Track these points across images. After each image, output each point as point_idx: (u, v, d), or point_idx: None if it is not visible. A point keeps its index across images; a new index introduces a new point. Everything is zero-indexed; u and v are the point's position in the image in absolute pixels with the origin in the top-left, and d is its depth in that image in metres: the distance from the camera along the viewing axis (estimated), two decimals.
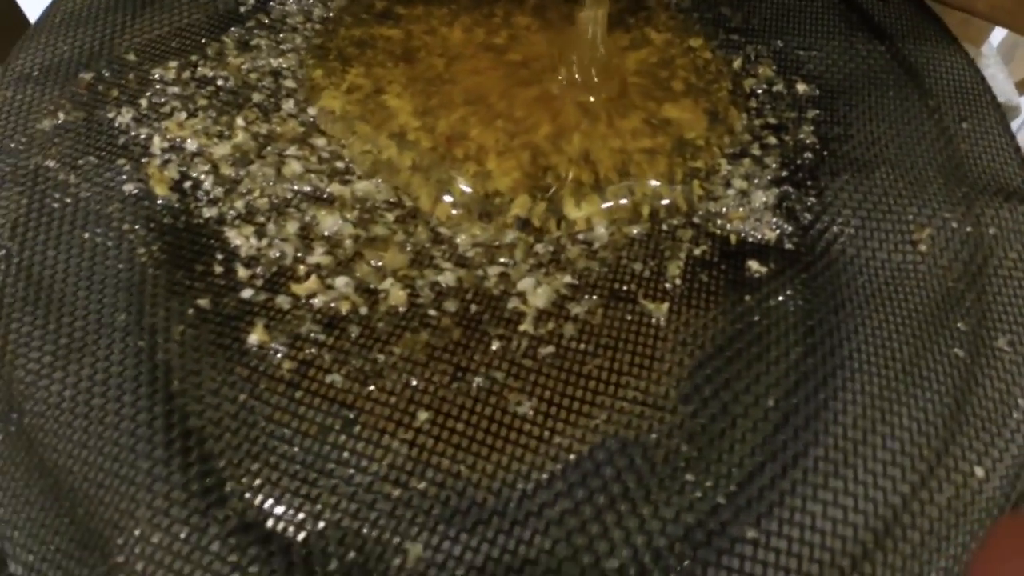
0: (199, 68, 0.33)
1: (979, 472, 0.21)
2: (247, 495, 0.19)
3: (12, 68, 0.34)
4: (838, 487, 0.20)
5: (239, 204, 0.27)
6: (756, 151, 0.30)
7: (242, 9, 0.36)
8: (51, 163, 0.30)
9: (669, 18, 0.35)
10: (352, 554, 0.17)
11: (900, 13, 0.39)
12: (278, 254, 0.25)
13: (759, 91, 0.33)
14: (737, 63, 0.34)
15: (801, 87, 0.33)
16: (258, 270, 0.25)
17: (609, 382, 0.21)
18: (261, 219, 0.26)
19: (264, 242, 0.25)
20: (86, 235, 0.27)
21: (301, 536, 0.18)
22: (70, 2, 0.38)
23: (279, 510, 0.19)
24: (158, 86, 0.32)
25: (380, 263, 0.24)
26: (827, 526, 0.19)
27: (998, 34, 0.48)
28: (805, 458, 0.20)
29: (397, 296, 0.23)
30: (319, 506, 0.19)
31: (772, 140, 0.30)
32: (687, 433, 0.20)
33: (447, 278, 0.24)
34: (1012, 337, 0.25)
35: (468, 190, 0.26)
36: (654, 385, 0.21)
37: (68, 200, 0.29)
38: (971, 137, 0.32)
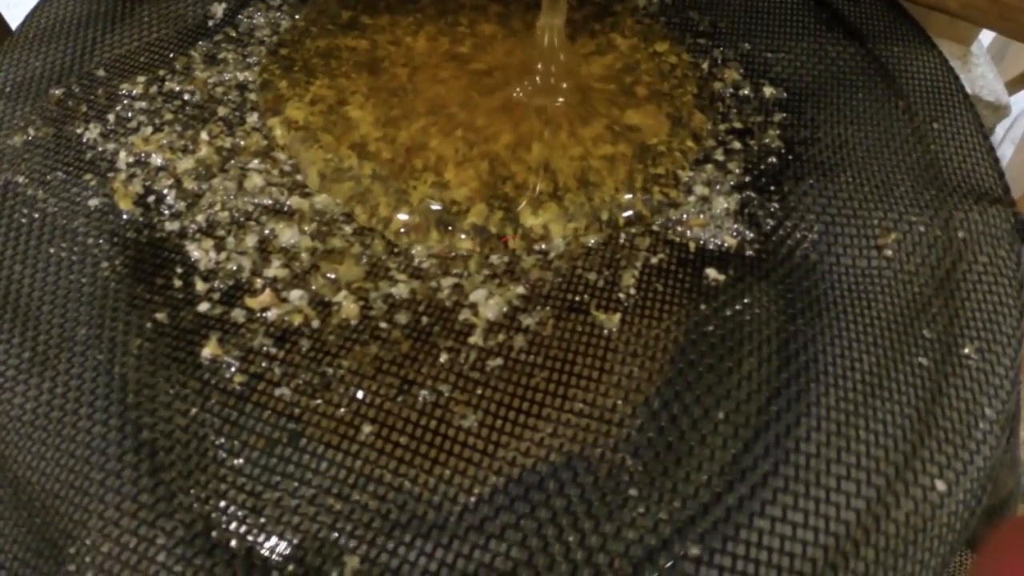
0: (166, 83, 0.34)
1: (940, 486, 0.21)
2: (195, 506, 0.20)
3: None
4: (788, 502, 0.20)
5: (200, 218, 0.28)
6: (720, 156, 0.30)
7: (210, 23, 0.37)
8: (20, 179, 0.31)
9: (635, 23, 0.35)
10: (292, 566, 0.18)
11: (874, 13, 0.39)
12: (235, 267, 0.25)
13: (725, 95, 0.33)
14: (704, 67, 0.34)
15: (768, 90, 0.33)
16: (215, 283, 0.25)
17: (556, 395, 0.21)
18: (221, 232, 0.27)
19: (223, 255, 0.26)
20: (52, 250, 0.28)
21: (245, 548, 0.19)
22: (43, 18, 0.39)
23: (225, 521, 0.19)
24: (126, 101, 0.33)
25: (335, 275, 0.25)
26: (783, 534, 0.19)
27: (988, 33, 0.48)
28: (753, 472, 0.21)
29: (349, 309, 0.24)
30: (263, 518, 0.19)
31: (736, 145, 0.31)
32: (633, 446, 0.20)
33: (400, 290, 0.24)
34: (980, 344, 0.25)
35: (424, 199, 0.27)
36: (601, 398, 0.21)
37: (36, 215, 0.29)
38: (942, 138, 0.33)
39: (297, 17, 0.36)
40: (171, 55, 0.35)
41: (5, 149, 0.32)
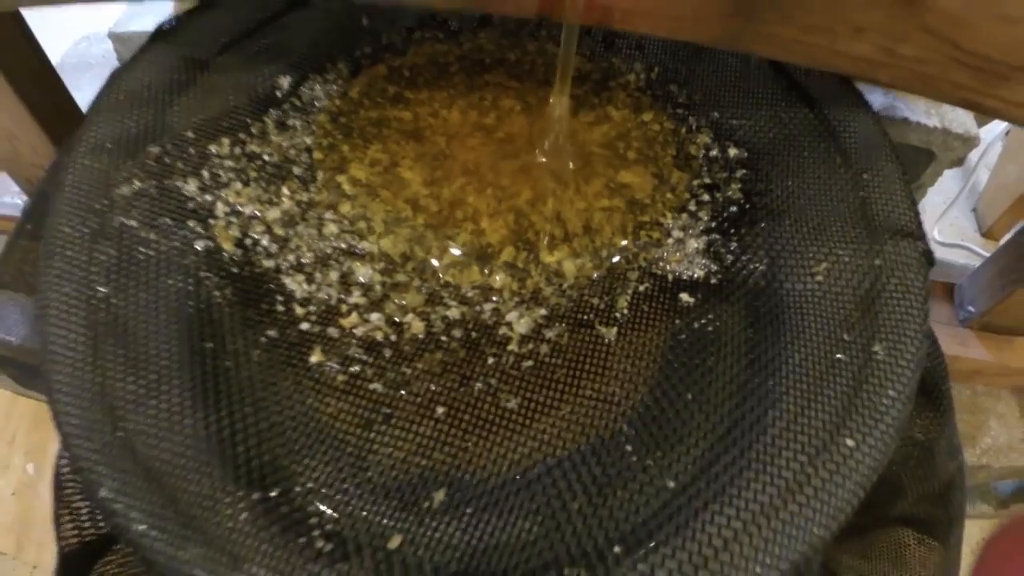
0: (247, 145, 0.43)
1: (850, 443, 0.31)
2: (316, 470, 0.29)
3: (85, 140, 0.44)
4: (744, 463, 0.30)
5: (291, 257, 0.37)
6: (692, 207, 0.40)
7: (278, 93, 0.46)
8: (133, 223, 0.40)
9: (626, 96, 0.45)
10: (395, 501, 0.27)
11: (823, 81, 0.49)
12: (325, 296, 0.35)
13: (698, 156, 0.43)
14: (681, 132, 0.44)
15: (733, 151, 0.43)
16: (311, 308, 0.35)
17: (572, 385, 0.31)
18: (309, 269, 0.37)
19: (314, 287, 0.36)
20: (170, 281, 0.37)
21: (346, 518, 0.28)
22: (129, 83, 0.48)
23: (338, 480, 0.29)
24: (215, 160, 0.42)
25: (403, 302, 0.35)
26: (759, 487, 0.29)
27: None
28: (728, 437, 0.30)
29: (416, 327, 0.34)
30: (369, 474, 0.28)
31: (706, 197, 0.41)
32: (628, 418, 0.30)
33: (453, 313, 0.34)
34: (887, 344, 0.35)
35: (466, 244, 0.37)
36: (605, 386, 0.31)
37: (151, 253, 0.38)
38: (871, 186, 0.43)
39: (350, 89, 0.46)
40: (248, 121, 0.45)
41: (116, 197, 0.41)
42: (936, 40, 0.38)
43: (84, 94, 0.63)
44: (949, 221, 1.15)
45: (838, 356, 0.34)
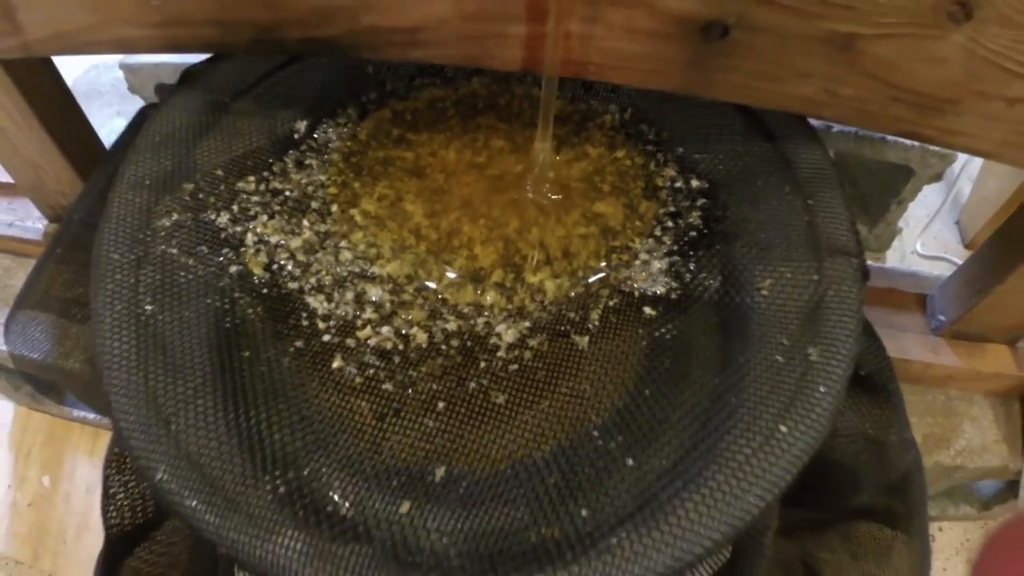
0: (271, 182, 0.50)
1: (784, 429, 0.37)
2: (340, 451, 0.35)
3: (126, 176, 0.50)
4: (691, 444, 0.36)
5: (312, 280, 0.44)
6: (658, 232, 0.47)
7: (296, 136, 0.53)
8: (174, 250, 0.47)
9: (602, 135, 0.52)
10: (403, 477, 0.34)
11: (781, 118, 0.56)
12: (343, 313, 0.42)
13: (664, 187, 0.50)
14: (650, 167, 0.51)
15: (695, 182, 0.50)
16: (331, 323, 0.41)
17: (551, 384, 0.38)
18: (328, 290, 0.43)
19: (333, 305, 0.42)
20: (208, 300, 0.44)
21: (365, 490, 0.34)
22: (163, 125, 0.54)
23: (356, 461, 0.35)
24: (243, 195, 0.49)
25: (409, 318, 0.41)
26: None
27: None
28: (680, 424, 0.37)
29: (420, 337, 0.40)
30: (382, 456, 0.35)
31: (670, 224, 0.48)
32: (596, 411, 0.37)
33: (451, 325, 0.41)
34: (821, 348, 0.41)
35: (462, 267, 0.44)
36: (577, 385, 0.38)
37: (191, 276, 0.45)
38: (815, 210, 0.49)
39: (359, 131, 0.53)
40: (271, 160, 0.52)
41: (158, 228, 0.48)
42: (873, 81, 0.44)
43: (94, 120, 0.71)
44: (933, 234, 1.21)
45: (777, 358, 0.40)
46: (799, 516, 0.61)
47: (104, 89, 1.09)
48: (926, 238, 1.16)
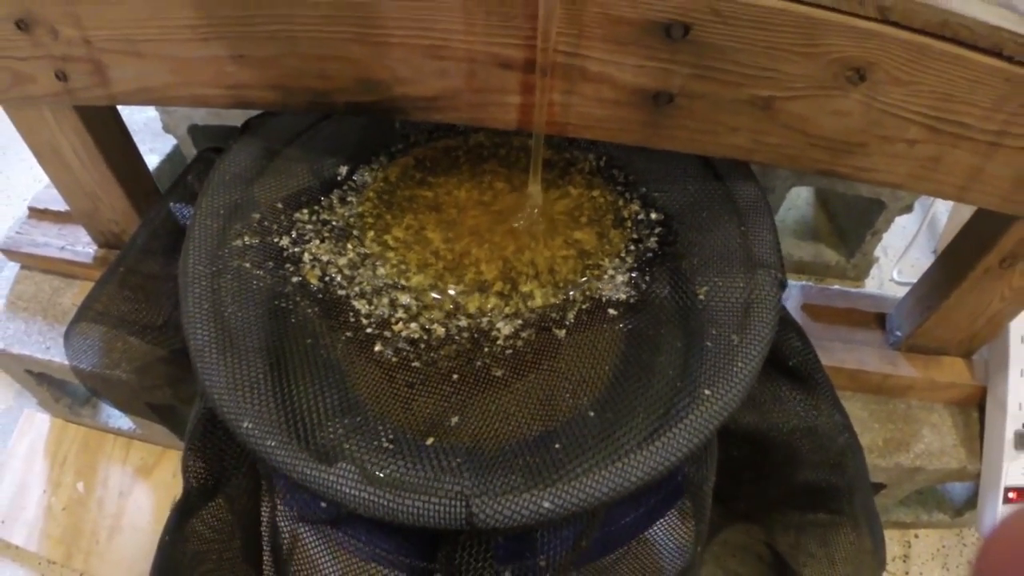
0: (320, 214, 0.66)
1: (707, 392, 0.52)
2: (381, 409, 0.50)
3: (204, 207, 0.65)
4: (639, 401, 0.51)
5: (356, 289, 0.60)
6: (623, 254, 0.63)
7: (339, 177, 0.69)
8: (247, 264, 0.62)
9: (582, 178, 0.68)
10: (428, 423, 0.49)
11: (726, 162, 0.72)
12: (381, 313, 0.57)
13: (630, 219, 0.66)
14: (619, 203, 0.67)
15: (653, 215, 0.66)
16: (372, 319, 0.57)
17: (536, 363, 0.53)
18: (369, 296, 0.59)
19: (373, 307, 0.58)
20: (276, 302, 0.59)
21: (400, 431, 0.50)
22: (232, 166, 0.69)
23: (397, 416, 0.50)
24: (299, 224, 0.65)
25: (431, 316, 0.57)
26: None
27: None
28: (630, 386, 0.52)
29: (439, 331, 0.56)
30: (415, 413, 0.50)
31: (632, 248, 0.63)
32: (568, 380, 0.52)
33: (462, 323, 0.56)
34: (741, 335, 0.55)
35: (471, 280, 0.59)
36: (556, 364, 0.53)
37: (261, 284, 0.60)
38: (747, 234, 0.64)
39: (388, 175, 0.69)
40: (320, 197, 0.68)
41: (233, 248, 0.63)
42: (791, 132, 0.54)
43: None
44: (910, 262, 1.34)
45: (707, 344, 0.55)
46: (757, 499, 0.75)
47: (137, 128, 1.15)
48: (903, 265, 1.28)
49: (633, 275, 0.61)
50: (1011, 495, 0.76)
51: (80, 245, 0.89)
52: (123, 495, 0.98)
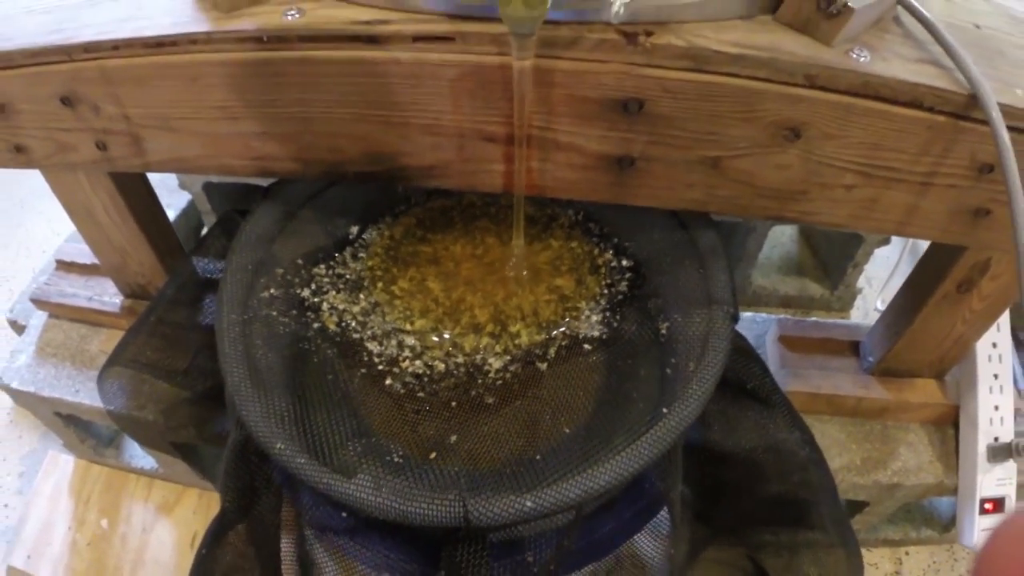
0: (336, 269, 0.77)
1: (665, 410, 0.62)
2: (388, 433, 0.61)
3: (234, 263, 0.76)
4: (610, 423, 0.62)
5: (368, 332, 0.71)
6: (598, 297, 0.74)
7: (350, 236, 0.81)
8: (274, 313, 0.73)
9: (562, 231, 0.80)
10: (431, 441, 0.59)
11: (690, 212, 0.83)
12: (390, 352, 0.68)
13: (604, 267, 0.77)
14: (595, 253, 0.78)
15: (625, 262, 0.77)
16: (383, 358, 0.68)
17: (522, 391, 0.64)
18: (380, 339, 0.70)
19: (383, 347, 0.69)
20: (300, 345, 0.70)
21: (407, 448, 0.60)
22: (256, 227, 0.81)
23: (404, 441, 0.61)
24: (318, 278, 0.76)
25: (433, 355, 0.68)
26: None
27: None
28: (598, 412, 0.62)
29: (440, 367, 0.67)
30: (419, 435, 0.61)
31: (606, 291, 0.74)
32: (548, 405, 0.62)
33: (459, 360, 0.67)
34: (696, 363, 0.66)
35: (466, 323, 0.70)
36: (539, 391, 0.64)
37: (287, 330, 0.72)
38: (707, 276, 0.75)
39: (393, 233, 0.81)
40: (335, 254, 0.79)
41: (261, 299, 0.74)
42: (740, 185, 0.58)
43: None
44: (893, 291, 1.40)
45: (667, 371, 0.66)
46: (733, 514, 0.85)
47: (154, 184, 1.12)
48: (886, 295, 1.32)
49: (606, 314, 0.72)
50: (987, 506, 0.79)
51: (107, 296, 0.95)
52: (146, 531, 1.04)
